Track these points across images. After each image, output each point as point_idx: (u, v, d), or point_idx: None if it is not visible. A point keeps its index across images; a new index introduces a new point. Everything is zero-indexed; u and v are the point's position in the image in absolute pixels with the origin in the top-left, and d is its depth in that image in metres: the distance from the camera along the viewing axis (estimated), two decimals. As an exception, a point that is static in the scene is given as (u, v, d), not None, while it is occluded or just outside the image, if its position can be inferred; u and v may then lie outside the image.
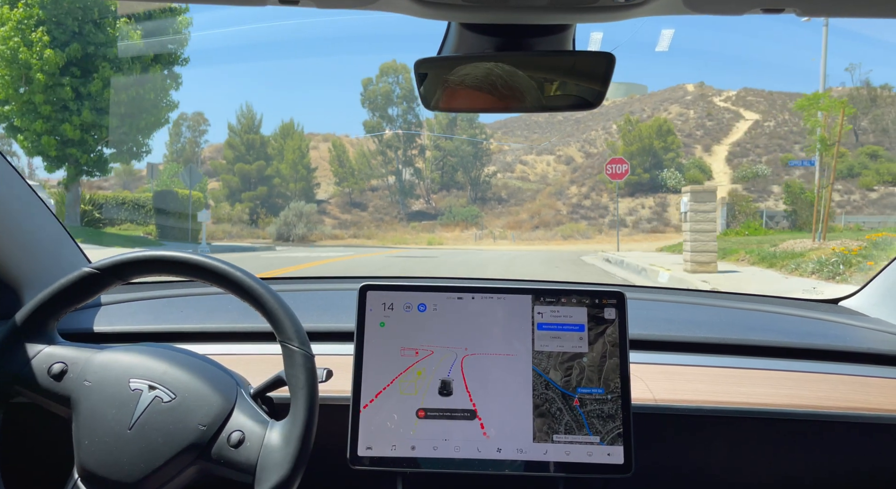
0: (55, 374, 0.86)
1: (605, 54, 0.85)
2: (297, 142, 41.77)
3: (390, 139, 43.52)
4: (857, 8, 0.73)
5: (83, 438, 0.83)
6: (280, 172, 41.07)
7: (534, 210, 38.56)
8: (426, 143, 44.92)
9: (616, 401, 0.98)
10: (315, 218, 36.23)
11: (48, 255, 1.29)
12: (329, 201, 43.50)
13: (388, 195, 43.44)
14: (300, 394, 0.82)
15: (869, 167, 35.15)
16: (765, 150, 41.89)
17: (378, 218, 40.78)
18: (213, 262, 0.86)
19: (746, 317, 1.44)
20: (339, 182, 43.75)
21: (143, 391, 0.84)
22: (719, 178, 38.96)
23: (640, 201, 37.17)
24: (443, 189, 44.23)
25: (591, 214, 37.00)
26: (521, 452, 0.97)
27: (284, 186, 41.13)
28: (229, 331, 1.24)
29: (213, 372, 0.89)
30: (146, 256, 0.87)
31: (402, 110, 43.15)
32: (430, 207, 42.67)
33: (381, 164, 44.07)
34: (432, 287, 1.03)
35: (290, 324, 0.84)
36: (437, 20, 0.80)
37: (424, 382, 0.99)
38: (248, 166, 39.92)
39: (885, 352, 1.23)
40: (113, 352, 0.88)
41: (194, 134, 49.91)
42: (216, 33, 37.27)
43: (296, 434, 0.81)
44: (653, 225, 34.19)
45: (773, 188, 36.32)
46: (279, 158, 41.42)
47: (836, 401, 1.08)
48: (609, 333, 1.01)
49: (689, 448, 1.13)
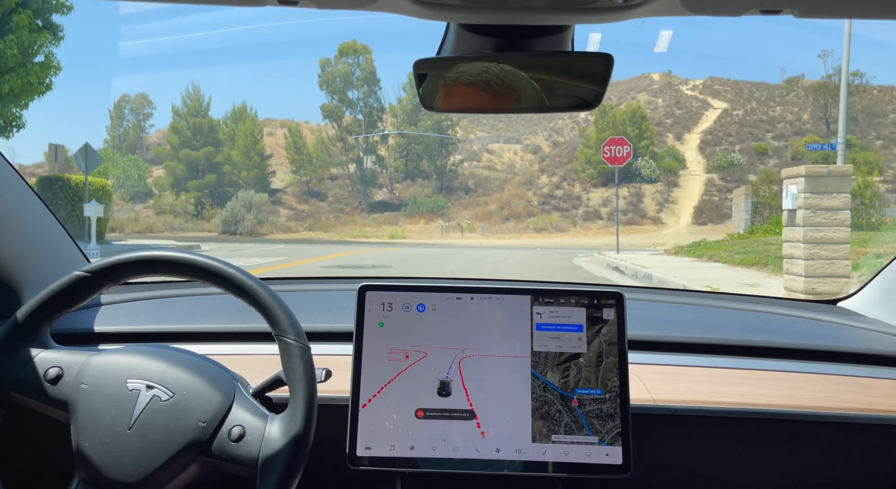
0: (51, 379, 0.85)
1: (604, 55, 0.85)
2: (250, 126, 38.95)
3: (350, 124, 40.96)
4: (855, 9, 0.73)
5: (83, 441, 0.83)
6: (231, 159, 38.22)
7: (503, 201, 36.64)
8: (389, 129, 42.62)
9: (614, 400, 0.98)
10: (268, 208, 33.62)
11: (47, 255, 1.29)
12: (285, 190, 40.91)
13: (349, 184, 41.08)
14: (298, 386, 0.82)
15: (845, 157, 34.41)
16: (737, 138, 41.15)
17: (338, 208, 38.40)
18: (206, 260, 0.86)
19: (745, 318, 1.44)
20: (295, 170, 41.12)
21: (141, 391, 0.84)
22: (693, 168, 37.88)
23: (614, 191, 35.72)
24: (407, 178, 42.13)
25: (564, 205, 35.28)
26: (519, 452, 0.97)
27: (236, 174, 38.30)
28: (228, 332, 1.24)
29: (210, 369, 0.88)
30: (138, 257, 0.87)
31: (362, 94, 40.61)
32: (393, 197, 40.51)
33: (341, 152, 41.55)
34: (431, 287, 1.03)
35: (286, 318, 0.84)
36: (435, 21, 0.80)
37: (423, 383, 0.99)
38: (194, 152, 36.86)
39: (883, 353, 1.23)
40: (109, 354, 0.88)
41: (138, 118, 46.35)
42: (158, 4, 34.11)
43: (296, 426, 0.81)
44: (629, 217, 32.63)
45: (749, 177, 35.34)
46: (230, 144, 38.54)
47: (834, 402, 1.08)
48: (604, 333, 1.01)
49: (687, 448, 1.12)
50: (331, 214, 37.16)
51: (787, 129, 41.36)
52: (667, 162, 36.58)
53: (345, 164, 41.55)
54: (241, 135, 38.46)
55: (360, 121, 41.10)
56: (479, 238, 28.34)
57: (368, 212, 37.69)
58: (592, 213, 33.71)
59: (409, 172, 42.33)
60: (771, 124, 42.74)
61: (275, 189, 40.36)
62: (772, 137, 40.60)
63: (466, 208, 36.98)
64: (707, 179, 35.36)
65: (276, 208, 38.11)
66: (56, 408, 0.85)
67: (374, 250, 18.40)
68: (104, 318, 1.28)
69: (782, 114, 44.50)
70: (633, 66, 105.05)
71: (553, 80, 0.89)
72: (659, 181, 35.77)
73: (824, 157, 24.71)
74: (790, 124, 42.20)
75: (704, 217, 31.55)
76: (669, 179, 36.09)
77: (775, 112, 45.16)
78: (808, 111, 43.65)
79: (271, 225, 31.90)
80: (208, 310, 1.36)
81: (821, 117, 42.09)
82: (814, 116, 42.71)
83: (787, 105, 45.78)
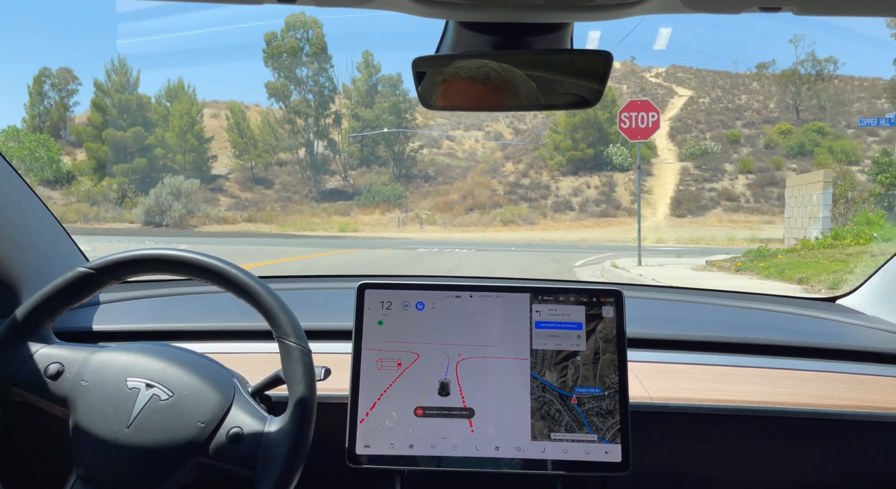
0: (52, 375, 0.86)
1: (603, 53, 0.85)
2: (187, 106, 35.15)
3: (299, 105, 37.53)
4: (854, 7, 0.74)
5: (81, 438, 0.83)
6: (164, 142, 34.42)
7: (466, 189, 33.95)
8: (343, 112, 39.48)
9: (613, 397, 0.98)
10: (201, 196, 30.08)
11: (46, 254, 1.29)
12: (227, 177, 37.37)
13: (299, 170, 37.80)
14: (298, 389, 0.83)
15: (820, 145, 33.14)
16: (707, 125, 39.75)
17: (285, 197, 35.15)
18: (209, 260, 0.87)
19: (744, 316, 1.44)
20: (238, 154, 37.55)
21: (141, 389, 0.84)
22: (664, 156, 36.09)
23: (585, 180, 33.50)
24: (362, 164, 39.20)
25: (532, 195, 32.78)
26: (518, 450, 0.97)
27: (170, 159, 34.55)
28: (228, 330, 1.24)
29: (210, 369, 0.89)
30: (141, 255, 0.88)
31: (312, 71, 37.18)
32: (347, 185, 37.51)
33: (290, 135, 38.14)
34: (430, 285, 1.03)
35: (287, 320, 0.85)
36: (435, 19, 0.81)
37: (422, 381, 0.99)
38: (120, 133, 32.84)
39: (882, 351, 1.22)
40: (109, 352, 0.89)
41: (61, 94, 41.61)
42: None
43: (294, 429, 0.81)
44: (602, 208, 30.37)
45: (725, 166, 33.71)
46: (163, 125, 34.72)
47: (833, 400, 1.08)
48: (600, 330, 1.00)
49: (685, 446, 1.12)
50: (277, 203, 33.95)
51: (755, 117, 40.33)
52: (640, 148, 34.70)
53: (294, 148, 38.23)
54: (176, 114, 34.67)
55: (310, 102, 37.71)
56: (440, 231, 25.61)
57: (319, 200, 34.62)
58: (563, 203, 31.33)
59: (365, 158, 39.41)
60: (738, 112, 41.76)
61: (216, 175, 36.86)
62: (742, 125, 39.34)
63: (426, 197, 34.22)
64: (681, 168, 33.55)
65: (216, 196, 34.63)
66: (56, 404, 0.85)
67: (314, 254, 15.05)
68: (103, 317, 1.28)
69: (748, 102, 43.84)
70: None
71: (552, 78, 0.88)
72: (631, 169, 33.84)
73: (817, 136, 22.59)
74: (757, 112, 41.33)
75: (683, 208, 29.63)
76: (643, 168, 34.17)
77: (741, 100, 44.51)
78: (773, 100, 43.07)
79: (203, 215, 28.20)
80: (208, 308, 1.35)
81: (788, 105, 41.24)
82: (780, 105, 42.00)
83: (753, 93, 45.46)
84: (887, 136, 35.36)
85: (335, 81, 38.46)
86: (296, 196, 35.45)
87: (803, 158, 33.21)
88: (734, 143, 36.46)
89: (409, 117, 39.89)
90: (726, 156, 34.68)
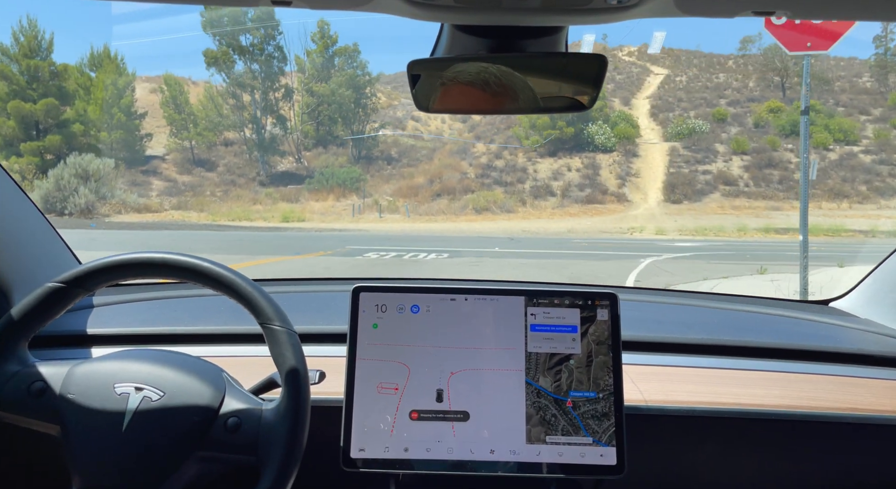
0: (35, 393, 0.85)
1: (597, 56, 0.86)
2: (113, 75, 30.65)
3: (243, 76, 33.36)
4: (846, 11, 0.74)
5: (77, 450, 0.82)
6: (85, 116, 29.93)
7: (433, 172, 30.51)
8: (295, 86, 35.46)
9: (608, 399, 0.98)
10: (130, 179, 25.89)
11: (38, 257, 1.29)
12: (164, 158, 33.11)
13: (246, 151, 33.74)
14: (290, 370, 0.83)
15: (816, 123, 30.77)
16: (690, 104, 37.19)
17: (229, 180, 31.17)
18: (178, 257, 0.86)
19: (737, 319, 1.44)
20: (176, 132, 33.27)
21: (131, 393, 0.83)
22: (647, 135, 33.27)
23: (565, 162, 30.45)
24: (318, 145, 35.45)
25: (507, 179, 29.52)
26: (513, 454, 0.97)
27: (93, 136, 30.09)
28: (223, 333, 1.23)
29: (198, 365, 0.89)
30: (109, 263, 0.87)
31: (258, 39, 32.97)
32: (300, 167, 33.71)
33: (234, 110, 33.97)
34: (425, 288, 1.03)
35: (268, 305, 0.85)
36: (430, 22, 0.81)
37: (417, 385, 0.99)
38: (29, 105, 28.17)
39: (875, 353, 1.24)
40: (92, 362, 0.88)
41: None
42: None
43: (292, 408, 0.81)
44: (587, 193, 27.29)
45: (717, 147, 31.05)
46: (84, 97, 30.17)
47: (826, 402, 1.09)
48: (592, 333, 1.01)
49: (680, 448, 1.12)
50: (219, 188, 29.96)
51: (738, 96, 38.01)
52: (622, 128, 31.69)
53: (240, 126, 34.11)
54: (99, 86, 30.19)
55: (256, 73, 33.56)
56: (403, 221, 22.21)
57: (267, 185, 30.77)
58: (543, 188, 28.18)
59: (321, 138, 35.61)
60: (719, 91, 39.41)
61: (151, 156, 32.59)
62: (726, 104, 36.89)
63: (388, 181, 30.71)
64: (670, 149, 30.80)
65: (149, 180, 30.43)
66: (45, 421, 0.84)
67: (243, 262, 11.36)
68: (97, 320, 1.28)
69: (727, 81, 41.64)
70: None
71: (547, 81, 0.89)
72: (615, 150, 30.91)
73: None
74: (738, 91, 39.04)
75: (678, 193, 26.85)
76: (627, 148, 31.28)
77: (719, 79, 42.38)
78: (752, 78, 41.09)
79: (118, 203, 24.02)
80: (203, 311, 1.35)
81: (769, 83, 39.15)
82: (760, 83, 39.96)
83: (730, 72, 43.41)
84: (880, 115, 33.27)
85: (286, 51, 34.42)
86: (241, 179, 31.50)
87: (797, 138, 30.86)
88: (720, 121, 33.95)
89: (368, 92, 36.13)
90: (715, 135, 32.07)
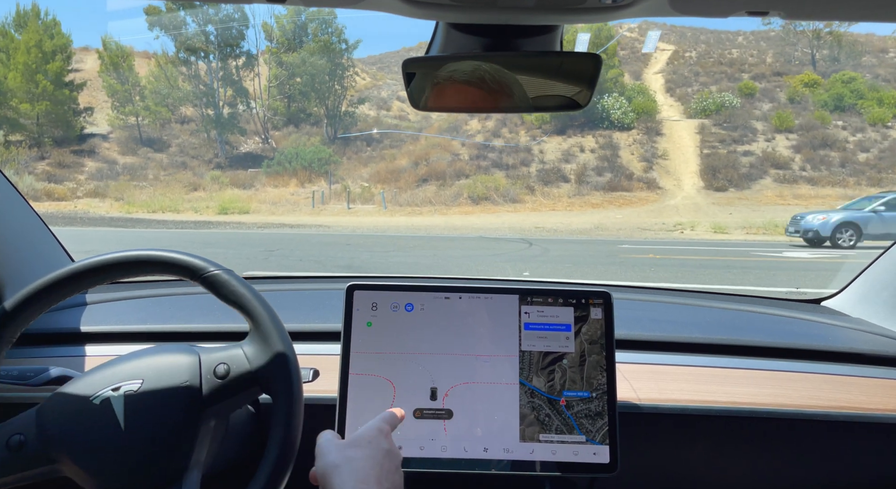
0: (16, 447, 0.82)
1: (592, 55, 0.86)
2: (36, 36, 25.73)
3: (194, 40, 28.50)
4: (840, 12, 0.75)
5: (87, 471, 0.80)
6: (5, 84, 25.07)
7: (419, 154, 25.98)
8: (265, 57, 30.71)
9: (601, 398, 0.99)
10: (57, 159, 21.09)
11: (29, 254, 1.30)
12: (108, 136, 28.34)
13: (203, 128, 29.05)
14: (247, 302, 0.84)
15: (866, 97, 26.57)
16: (709, 78, 32.88)
17: (179, 163, 26.50)
18: (121, 254, 0.86)
19: (731, 317, 1.45)
20: (119, 106, 28.44)
21: (111, 396, 0.83)
22: (667, 112, 28.92)
23: (577, 141, 26.06)
24: (289, 123, 30.91)
25: (509, 161, 24.94)
26: (507, 452, 0.98)
27: (13, 109, 25.25)
28: (215, 331, 1.24)
29: (162, 346, 0.90)
30: (45, 282, 0.85)
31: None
32: (268, 149, 29.16)
33: (187, 80, 29.15)
34: (419, 287, 1.03)
35: (195, 261, 0.86)
36: (425, 20, 0.81)
37: (411, 383, 0.99)
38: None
39: (866, 352, 1.25)
40: (56, 398, 0.86)
41: None
42: None
43: (266, 325, 0.83)
44: (608, 179, 22.77)
45: (755, 125, 26.77)
46: (6, 62, 25.32)
47: (818, 401, 1.10)
48: (585, 331, 1.01)
49: (673, 447, 1.13)
50: (165, 171, 25.33)
51: (762, 69, 33.78)
52: (640, 101, 27.26)
53: (198, 100, 29.35)
54: (22, 49, 25.28)
55: (210, 36, 28.73)
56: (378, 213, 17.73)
57: (225, 168, 26.20)
58: (553, 172, 23.68)
59: (293, 116, 31.04)
60: (737, 65, 35.24)
61: (91, 134, 27.85)
62: (749, 78, 32.66)
63: (367, 164, 26.21)
64: (698, 126, 26.49)
65: (82, 160, 25.69)
66: (40, 467, 0.82)
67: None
68: (90, 317, 1.29)
69: (741, 56, 37.53)
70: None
71: (542, 80, 0.89)
72: (633, 128, 26.54)
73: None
74: (754, 66, 34.90)
75: (721, 179, 22.47)
76: (648, 125, 26.91)
77: (732, 54, 38.22)
78: (768, 53, 37.13)
79: (24, 188, 19.46)
80: (196, 309, 1.36)
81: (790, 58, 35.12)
82: (779, 58, 35.95)
83: (741, 47, 39.41)
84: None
85: (247, 12, 29.60)
86: (194, 162, 26.83)
87: (843, 113, 26.70)
88: (748, 96, 29.69)
89: (345, 63, 31.46)
90: (746, 111, 27.76)
